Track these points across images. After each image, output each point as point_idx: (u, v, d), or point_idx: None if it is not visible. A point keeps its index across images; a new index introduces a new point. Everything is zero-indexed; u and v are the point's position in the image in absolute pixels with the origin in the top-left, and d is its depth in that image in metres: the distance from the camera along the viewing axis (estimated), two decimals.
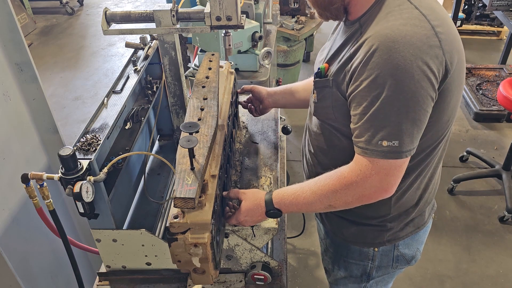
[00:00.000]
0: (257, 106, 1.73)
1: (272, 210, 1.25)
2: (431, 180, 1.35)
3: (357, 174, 1.13)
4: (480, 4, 5.28)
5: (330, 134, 1.30)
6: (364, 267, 1.48)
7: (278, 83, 3.49)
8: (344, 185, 1.15)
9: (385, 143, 1.08)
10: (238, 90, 1.75)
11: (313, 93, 1.29)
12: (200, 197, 1.12)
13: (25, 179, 1.27)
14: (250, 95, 1.73)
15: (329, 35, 1.41)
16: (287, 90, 1.69)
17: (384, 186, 1.14)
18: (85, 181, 1.20)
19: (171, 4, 1.57)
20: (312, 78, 1.56)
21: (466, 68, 4.47)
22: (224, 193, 1.32)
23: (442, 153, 1.31)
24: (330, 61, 1.25)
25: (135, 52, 1.83)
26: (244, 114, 1.89)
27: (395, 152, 1.09)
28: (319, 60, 1.37)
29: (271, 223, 1.35)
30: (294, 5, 4.05)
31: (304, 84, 1.65)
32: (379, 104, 1.06)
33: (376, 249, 1.43)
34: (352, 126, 1.15)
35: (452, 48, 1.09)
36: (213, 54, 1.58)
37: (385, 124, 1.07)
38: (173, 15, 1.57)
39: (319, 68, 1.26)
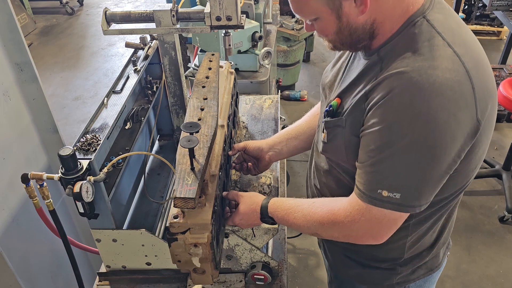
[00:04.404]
0: (253, 163, 1.50)
1: (266, 218, 1.24)
2: (448, 221, 1.25)
3: (346, 215, 1.06)
4: (480, 4, 5.27)
5: (339, 174, 1.21)
6: None
7: (278, 83, 3.49)
8: (332, 222, 1.09)
9: (385, 193, 0.98)
10: (230, 152, 1.48)
11: (323, 132, 1.17)
12: (200, 197, 1.12)
13: (25, 179, 1.27)
14: (240, 152, 1.51)
15: None
16: (289, 135, 1.47)
17: (373, 234, 1.07)
18: (85, 181, 1.20)
19: (171, 4, 1.56)
20: (313, 110, 1.46)
21: None
22: (224, 193, 1.32)
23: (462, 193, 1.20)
24: (343, 95, 1.12)
25: (135, 52, 1.83)
26: (244, 114, 1.89)
27: (394, 204, 0.99)
28: (326, 83, 1.26)
29: None
30: None
31: (308, 121, 1.47)
32: (388, 153, 0.96)
33: None
34: (356, 163, 1.06)
35: (486, 94, 0.96)
36: (213, 54, 1.58)
37: (390, 174, 0.98)
38: (173, 15, 1.57)
39: (330, 106, 1.13)
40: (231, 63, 1.77)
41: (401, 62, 0.96)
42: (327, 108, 1.15)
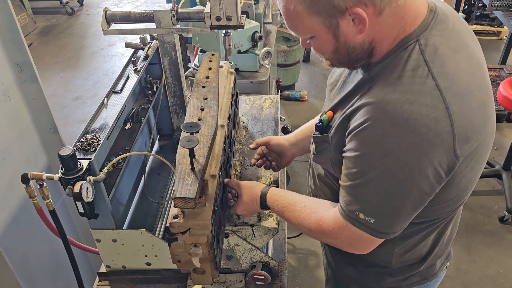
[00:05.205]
0: (275, 159, 1.52)
1: (266, 208, 1.28)
2: (441, 236, 1.23)
3: (330, 230, 1.09)
4: (480, 4, 5.27)
5: (331, 181, 1.24)
6: None
7: (278, 83, 3.49)
8: (318, 231, 1.13)
9: (361, 215, 1.01)
10: (251, 146, 1.52)
11: (312, 144, 1.19)
12: (200, 197, 1.12)
13: (25, 179, 1.27)
14: (260, 148, 1.52)
15: None
16: (310, 132, 1.43)
17: (354, 248, 1.10)
18: (85, 181, 1.20)
19: (171, 4, 1.57)
20: None
21: None
22: (226, 180, 1.34)
23: (460, 209, 1.20)
24: (336, 108, 1.12)
25: (135, 52, 1.83)
26: (244, 114, 1.89)
27: (369, 228, 1.01)
28: (331, 82, 1.25)
29: (271, 223, 1.35)
30: None
31: None
32: (362, 181, 0.98)
33: None
34: (339, 181, 1.08)
35: (468, 129, 0.93)
36: (213, 54, 1.58)
37: (365, 200, 1.00)
38: (173, 15, 1.57)
39: (320, 121, 1.13)
40: (231, 63, 1.77)
41: (381, 90, 0.94)
42: (317, 122, 1.15)
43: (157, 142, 2.13)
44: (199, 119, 1.24)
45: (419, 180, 0.94)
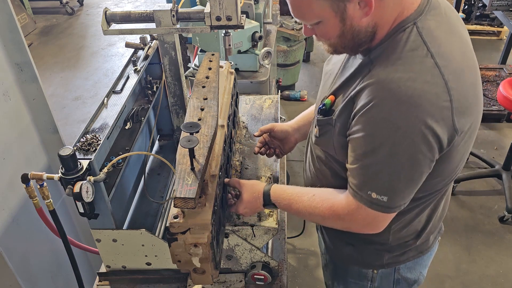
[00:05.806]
0: (277, 146, 1.56)
1: (269, 205, 1.28)
2: (434, 212, 1.29)
3: (346, 213, 1.12)
4: (480, 4, 5.27)
5: (332, 164, 1.26)
6: (363, 287, 1.44)
7: (278, 83, 3.49)
8: (333, 216, 1.15)
9: (374, 195, 1.05)
10: (255, 134, 1.55)
11: (315, 127, 1.22)
12: (200, 197, 1.12)
13: (25, 179, 1.27)
14: (264, 135, 1.55)
15: None
16: (311, 118, 1.47)
17: (371, 227, 1.14)
18: (85, 181, 1.20)
19: (171, 4, 1.57)
20: None
21: None
22: (226, 180, 1.34)
23: (450, 185, 1.26)
24: (337, 92, 1.15)
25: (135, 52, 1.83)
26: (244, 114, 1.89)
27: (383, 206, 1.06)
28: (328, 70, 1.28)
29: (271, 223, 1.35)
30: None
31: None
32: (372, 160, 1.02)
33: (375, 271, 1.39)
34: (347, 165, 1.11)
35: (464, 105, 1.00)
36: (213, 54, 1.58)
37: (376, 178, 1.04)
38: (173, 15, 1.57)
39: (324, 104, 1.16)
40: (231, 63, 1.77)
41: (383, 70, 0.99)
42: (320, 105, 1.18)
43: (157, 142, 2.13)
44: (199, 119, 1.24)
45: (426, 152, 0.99)
